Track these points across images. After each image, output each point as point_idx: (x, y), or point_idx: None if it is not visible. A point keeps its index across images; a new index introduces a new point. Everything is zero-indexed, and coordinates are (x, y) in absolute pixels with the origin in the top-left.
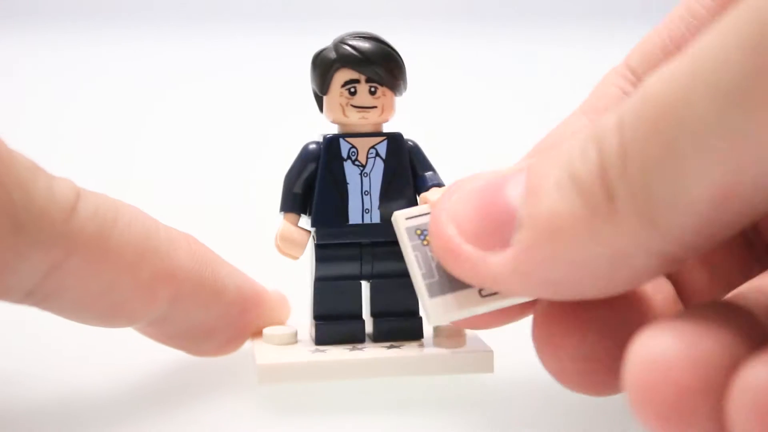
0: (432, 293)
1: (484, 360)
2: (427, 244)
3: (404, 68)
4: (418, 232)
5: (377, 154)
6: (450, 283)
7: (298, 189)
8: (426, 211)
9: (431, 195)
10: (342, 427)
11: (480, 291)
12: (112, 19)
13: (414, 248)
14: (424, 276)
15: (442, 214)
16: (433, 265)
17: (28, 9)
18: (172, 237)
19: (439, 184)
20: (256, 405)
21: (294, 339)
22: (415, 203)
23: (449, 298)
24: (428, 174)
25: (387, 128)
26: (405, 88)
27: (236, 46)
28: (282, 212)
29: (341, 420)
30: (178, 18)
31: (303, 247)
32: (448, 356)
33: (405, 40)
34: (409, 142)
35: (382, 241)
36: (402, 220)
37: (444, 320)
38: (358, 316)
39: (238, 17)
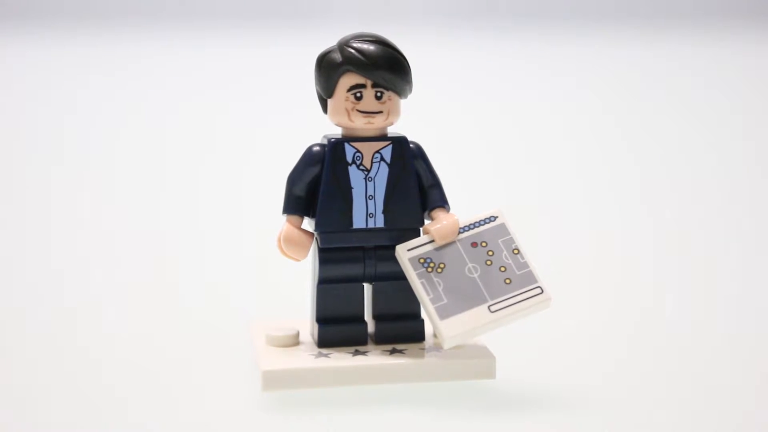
0: (442, 315)
1: (486, 366)
2: (431, 271)
3: (410, 71)
4: (422, 260)
5: (382, 159)
6: (458, 303)
7: (301, 191)
8: (426, 241)
9: (431, 226)
10: (341, 427)
11: (489, 307)
12: (110, 20)
13: (419, 276)
14: (433, 300)
15: None
16: (440, 289)
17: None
18: None
19: (443, 204)
20: (256, 405)
21: (296, 341)
22: (419, 208)
23: (460, 318)
24: (432, 191)
25: (391, 130)
26: (410, 91)
27: (235, 45)
28: (285, 214)
29: (341, 421)
30: (178, 20)
31: (306, 249)
32: (450, 363)
33: (407, 40)
34: (412, 145)
35: (386, 244)
36: (404, 252)
37: (457, 340)
38: (360, 319)
39: (239, 17)
